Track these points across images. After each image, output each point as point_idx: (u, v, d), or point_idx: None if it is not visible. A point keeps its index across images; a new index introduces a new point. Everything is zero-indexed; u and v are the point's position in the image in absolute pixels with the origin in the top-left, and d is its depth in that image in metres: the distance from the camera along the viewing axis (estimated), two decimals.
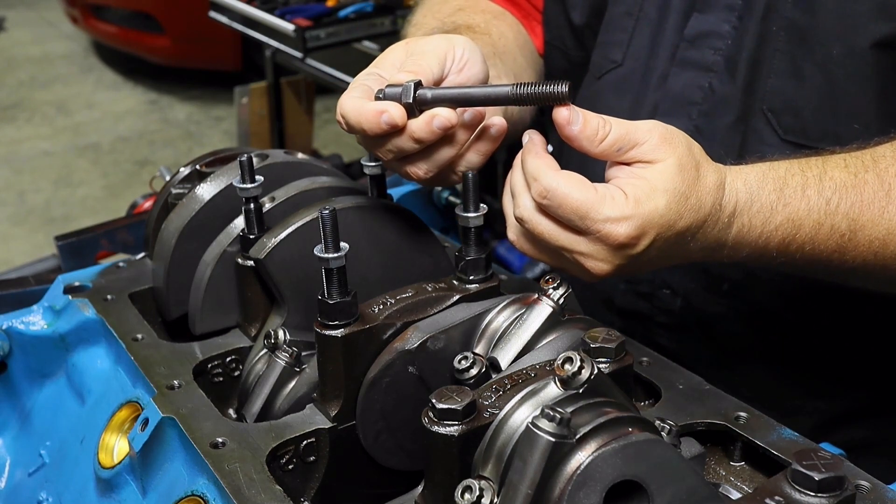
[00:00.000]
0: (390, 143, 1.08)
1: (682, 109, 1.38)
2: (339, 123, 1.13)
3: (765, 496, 0.82)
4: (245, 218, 1.16)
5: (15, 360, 1.29)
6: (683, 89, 1.38)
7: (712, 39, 1.36)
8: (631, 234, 0.99)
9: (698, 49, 1.37)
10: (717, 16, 1.36)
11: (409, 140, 1.08)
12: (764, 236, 1.09)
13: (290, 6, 3.67)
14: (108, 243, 1.58)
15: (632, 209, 0.99)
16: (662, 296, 1.48)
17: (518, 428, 0.80)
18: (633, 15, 1.45)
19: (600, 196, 0.99)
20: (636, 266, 1.04)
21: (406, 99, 1.05)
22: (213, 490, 0.93)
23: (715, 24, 1.36)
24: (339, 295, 0.96)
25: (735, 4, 1.34)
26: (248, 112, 4.70)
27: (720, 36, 1.36)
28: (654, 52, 1.43)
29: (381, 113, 1.05)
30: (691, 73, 1.38)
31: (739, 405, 1.02)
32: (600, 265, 1.02)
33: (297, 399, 1.07)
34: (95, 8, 7.06)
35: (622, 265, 1.02)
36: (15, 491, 1.28)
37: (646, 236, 1.01)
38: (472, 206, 1.04)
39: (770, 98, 1.31)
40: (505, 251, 4.25)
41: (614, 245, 1.00)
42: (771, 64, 1.31)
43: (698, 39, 1.37)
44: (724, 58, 1.35)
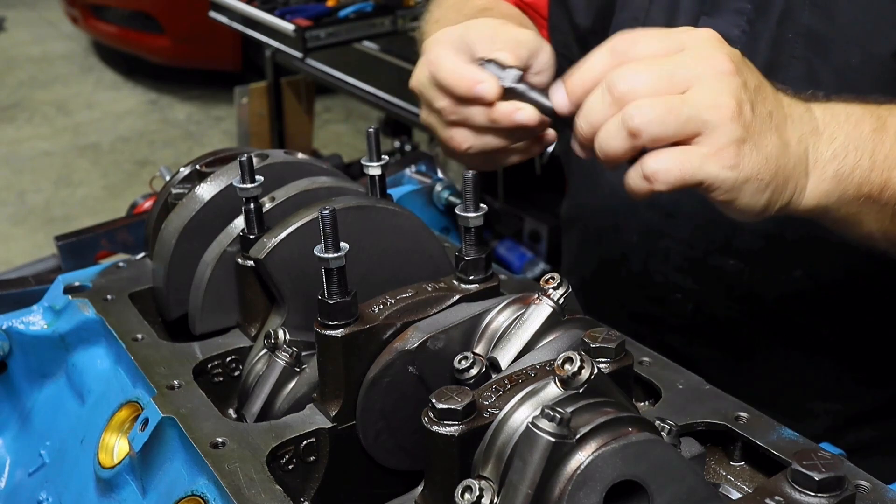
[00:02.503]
0: (463, 108, 1.11)
1: None
2: (418, 73, 1.18)
3: (765, 496, 0.82)
4: (245, 218, 1.16)
5: (15, 360, 1.29)
6: None
7: None
8: (715, 35, 1.03)
9: None
10: (726, 20, 1.34)
11: (484, 117, 1.11)
12: (853, 118, 1.09)
13: (290, 6, 3.67)
14: (108, 243, 1.58)
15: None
16: (674, 299, 1.48)
17: (518, 428, 0.80)
18: (639, 20, 1.43)
19: None
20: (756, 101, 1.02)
21: (505, 83, 1.10)
22: (213, 490, 0.94)
23: (724, 28, 1.32)
24: (339, 295, 0.96)
25: (744, 9, 1.33)
26: (248, 112, 4.70)
27: (730, 40, 1.31)
28: None
29: (479, 83, 1.10)
30: None
31: (739, 405, 1.02)
32: (725, 90, 0.99)
33: (297, 399, 1.07)
34: (95, 8, 7.06)
35: (743, 90, 1.00)
36: (15, 491, 1.28)
37: (731, 47, 1.03)
38: (472, 206, 1.04)
39: None
40: (505, 251, 4.25)
41: (711, 38, 1.03)
42: (787, 71, 1.29)
43: None
44: None
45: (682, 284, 1.47)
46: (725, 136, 0.99)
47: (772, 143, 1.03)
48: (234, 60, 6.69)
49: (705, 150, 1.00)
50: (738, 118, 0.99)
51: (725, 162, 1.00)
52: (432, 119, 1.21)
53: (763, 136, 1.02)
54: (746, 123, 1.00)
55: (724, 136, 0.99)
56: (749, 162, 1.01)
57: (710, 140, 1.00)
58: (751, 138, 1.01)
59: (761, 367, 1.48)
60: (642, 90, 1.00)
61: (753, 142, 1.01)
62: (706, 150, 1.00)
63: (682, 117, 0.99)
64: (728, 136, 0.99)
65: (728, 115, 0.99)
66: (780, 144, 1.04)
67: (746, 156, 1.01)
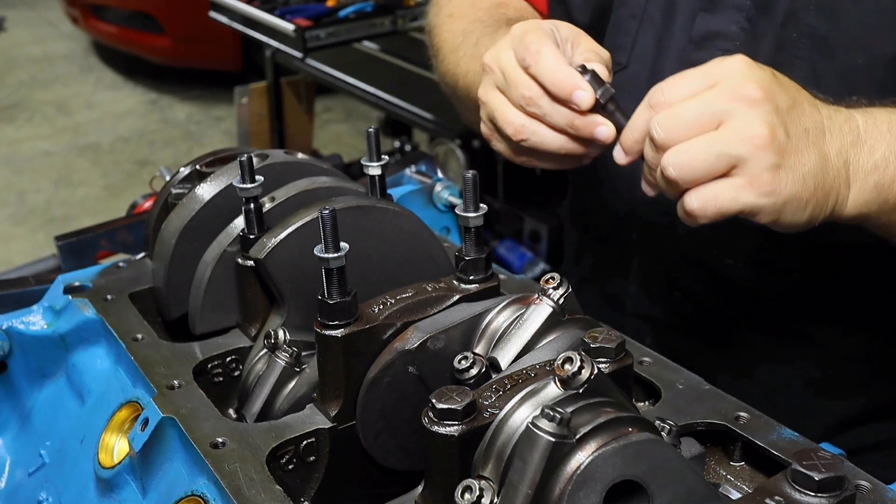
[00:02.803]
0: (548, 104, 1.14)
1: None
2: (502, 53, 1.19)
3: (765, 496, 0.82)
4: (245, 218, 1.16)
5: (15, 360, 1.29)
6: None
7: (719, 41, 1.35)
8: (745, 59, 1.05)
9: (705, 50, 1.36)
10: (724, 16, 1.34)
11: (564, 120, 1.14)
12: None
13: (290, 6, 3.67)
14: (108, 243, 1.58)
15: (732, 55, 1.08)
16: (674, 299, 1.47)
17: (518, 428, 0.80)
18: (636, 17, 1.44)
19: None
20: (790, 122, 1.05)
21: (600, 96, 1.15)
22: (213, 490, 0.94)
23: (722, 24, 1.34)
24: (339, 295, 0.96)
25: (743, 5, 1.33)
26: (248, 112, 4.70)
27: (728, 37, 1.34)
28: (661, 55, 1.42)
29: (579, 89, 1.13)
30: None
31: (739, 405, 1.02)
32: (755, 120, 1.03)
33: (297, 399, 1.07)
34: (95, 8, 7.06)
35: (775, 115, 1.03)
36: (15, 491, 1.28)
37: (761, 65, 1.06)
38: (472, 206, 1.04)
39: None
40: (505, 251, 4.25)
41: (742, 65, 1.05)
42: (790, 72, 1.27)
43: (705, 41, 1.36)
44: None
45: (681, 284, 1.47)
46: (759, 165, 1.03)
47: (810, 160, 1.06)
48: (234, 60, 6.69)
49: (741, 181, 1.04)
50: (770, 145, 1.03)
51: (762, 189, 1.04)
52: (496, 99, 1.21)
53: (800, 155, 1.06)
54: (780, 148, 1.04)
55: (758, 166, 1.03)
56: (786, 185, 1.05)
57: (744, 171, 1.04)
58: (786, 161, 1.05)
59: (761, 366, 1.48)
60: (676, 136, 1.05)
61: (789, 164, 1.05)
62: (742, 180, 1.04)
63: (712, 157, 1.04)
64: (762, 165, 1.03)
65: (760, 145, 1.03)
66: (819, 160, 1.07)
67: (783, 180, 1.05)
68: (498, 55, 1.22)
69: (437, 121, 3.88)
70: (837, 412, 1.48)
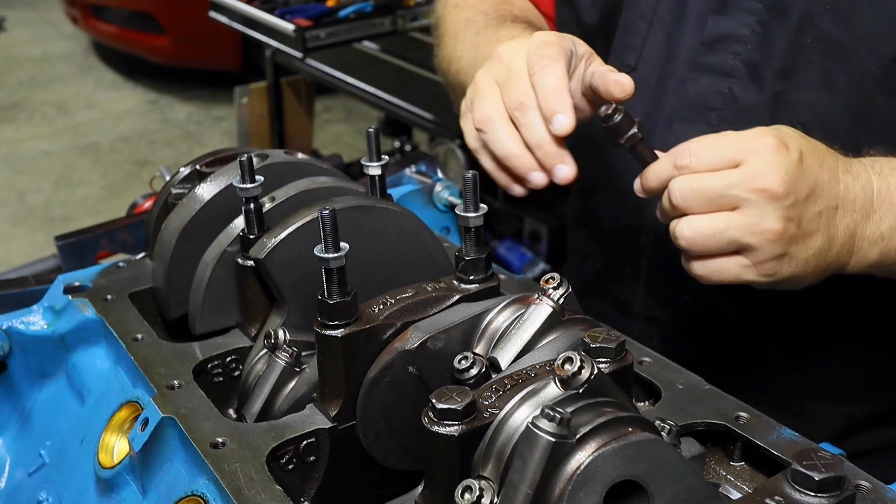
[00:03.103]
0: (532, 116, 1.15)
1: (700, 115, 1.36)
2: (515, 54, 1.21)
3: (765, 496, 0.82)
4: (245, 218, 1.16)
5: (15, 360, 1.29)
6: (702, 94, 1.36)
7: (731, 43, 1.34)
8: (776, 137, 1.07)
9: (716, 53, 1.35)
10: (735, 19, 1.33)
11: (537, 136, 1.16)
12: None
13: (290, 6, 3.67)
14: (108, 243, 1.58)
15: (762, 129, 1.10)
16: (682, 301, 1.47)
17: (518, 428, 0.80)
18: (646, 18, 1.43)
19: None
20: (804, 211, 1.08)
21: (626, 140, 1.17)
22: (213, 490, 0.93)
23: (733, 27, 1.33)
24: (339, 295, 0.96)
25: (755, 8, 1.32)
26: (248, 112, 4.70)
27: (739, 40, 1.33)
28: (671, 57, 1.41)
29: (562, 113, 1.14)
30: (709, 77, 1.36)
31: (739, 405, 1.02)
32: (771, 215, 1.06)
33: (297, 399, 1.07)
34: (95, 8, 7.06)
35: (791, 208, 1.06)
36: (15, 491, 1.28)
37: (791, 143, 1.07)
38: (472, 206, 1.04)
39: (801, 111, 1.29)
40: (505, 251, 4.25)
41: (770, 149, 1.06)
42: (805, 76, 1.29)
43: (716, 43, 1.35)
44: (744, 63, 1.33)
45: (690, 287, 1.47)
46: (766, 255, 1.09)
47: (815, 244, 1.11)
48: (234, 60, 6.69)
49: (746, 262, 1.10)
50: (780, 239, 1.08)
51: (763, 272, 1.10)
52: (488, 88, 1.22)
53: (807, 242, 1.10)
54: (789, 240, 1.08)
55: (765, 255, 1.09)
56: (788, 269, 1.11)
57: (751, 256, 1.09)
58: (792, 250, 1.09)
59: (769, 369, 1.47)
60: (693, 207, 1.10)
61: (795, 252, 1.10)
62: (747, 262, 1.10)
63: (724, 241, 1.09)
64: (769, 255, 1.09)
65: (771, 239, 1.08)
66: (824, 242, 1.12)
67: (785, 265, 1.10)
68: (513, 52, 1.22)
69: (437, 121, 3.88)
70: (845, 415, 1.47)
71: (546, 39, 1.21)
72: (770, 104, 1.32)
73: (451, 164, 3.74)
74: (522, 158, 1.17)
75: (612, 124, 1.16)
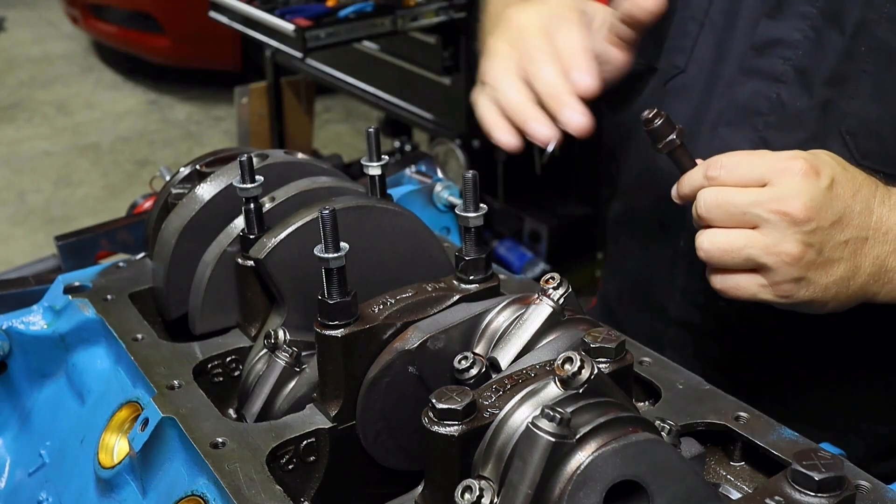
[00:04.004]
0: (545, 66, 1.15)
1: (746, 120, 1.35)
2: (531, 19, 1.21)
3: (765, 496, 0.82)
4: (245, 218, 1.16)
5: (15, 360, 1.29)
6: (749, 99, 1.35)
7: (781, 48, 1.32)
8: (807, 162, 1.06)
9: (766, 57, 1.33)
10: (788, 23, 1.31)
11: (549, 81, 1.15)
12: None
13: (290, 6, 3.66)
14: (108, 243, 1.58)
15: (797, 153, 1.09)
16: (717, 307, 1.45)
17: (518, 428, 0.80)
18: (697, 20, 1.41)
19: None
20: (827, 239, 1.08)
21: (664, 145, 1.18)
22: (213, 490, 0.93)
23: (785, 31, 1.31)
24: (339, 295, 0.96)
25: (808, 13, 1.29)
26: (248, 112, 4.70)
27: (790, 45, 1.31)
28: (721, 59, 1.39)
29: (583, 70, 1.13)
30: (758, 82, 1.34)
31: (739, 405, 1.02)
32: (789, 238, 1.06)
33: (297, 399, 1.07)
34: (95, 8, 7.06)
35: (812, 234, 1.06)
36: (15, 491, 1.28)
37: (824, 169, 1.07)
38: (472, 206, 1.04)
39: (850, 119, 1.28)
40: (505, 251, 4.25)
41: (799, 173, 1.06)
42: (856, 84, 1.27)
43: (766, 47, 1.33)
44: (793, 68, 1.31)
45: None
46: (782, 277, 1.09)
47: (837, 272, 1.11)
48: (234, 60, 6.69)
49: (763, 281, 1.11)
50: (797, 263, 1.08)
51: (780, 294, 1.11)
52: (500, 47, 1.21)
53: (827, 269, 1.10)
54: (807, 265, 1.09)
55: (781, 277, 1.09)
56: (805, 293, 1.11)
57: (768, 277, 1.10)
58: (810, 274, 1.09)
59: (805, 382, 1.44)
60: (715, 219, 1.12)
61: (813, 277, 1.10)
62: (764, 281, 1.11)
63: (741, 258, 1.10)
64: (785, 277, 1.09)
65: (788, 262, 1.08)
66: (848, 270, 1.11)
67: (802, 289, 1.10)
68: (526, 15, 1.22)
69: (437, 121, 3.88)
70: (882, 435, 1.44)
71: (561, 2, 1.21)
72: (818, 112, 1.30)
73: (451, 164, 3.74)
74: (527, 107, 1.17)
75: (652, 128, 1.18)
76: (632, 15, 1.19)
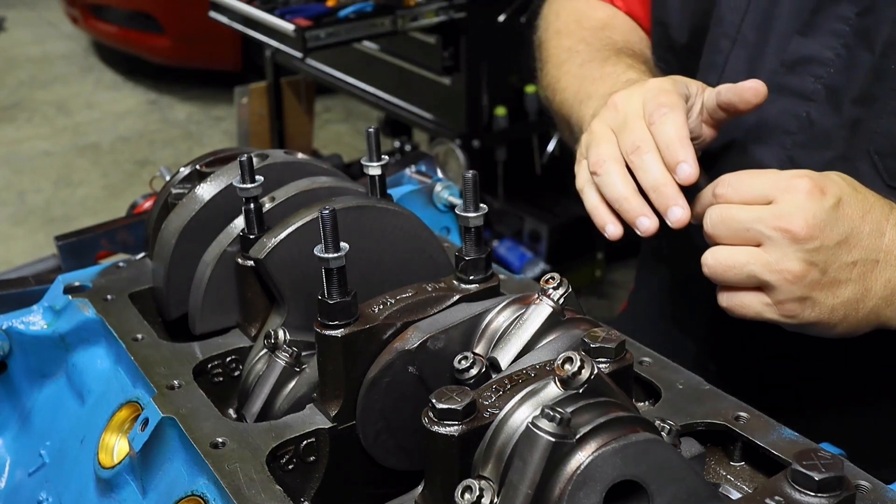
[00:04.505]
0: (649, 159, 1.16)
1: (775, 138, 1.34)
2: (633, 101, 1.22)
3: (765, 496, 0.82)
4: (245, 218, 1.16)
5: (15, 360, 1.29)
6: (778, 117, 1.33)
7: (813, 66, 1.30)
8: (812, 181, 1.06)
9: (797, 75, 1.32)
10: (820, 41, 1.30)
11: (653, 177, 1.16)
12: None
13: (290, 6, 3.67)
14: (108, 243, 1.58)
15: (805, 172, 1.08)
16: (741, 326, 1.42)
17: (518, 428, 0.80)
18: (730, 37, 1.40)
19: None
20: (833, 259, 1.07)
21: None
22: (213, 490, 0.94)
23: (817, 49, 1.30)
24: (339, 295, 0.96)
25: (842, 31, 1.28)
26: (248, 112, 4.70)
27: (822, 63, 1.29)
28: (752, 76, 1.34)
29: (685, 162, 1.14)
30: (788, 100, 1.32)
31: (739, 405, 1.02)
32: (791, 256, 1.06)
33: (297, 399, 1.07)
34: (95, 8, 7.07)
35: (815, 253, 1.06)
36: (15, 491, 1.28)
37: (831, 188, 1.06)
38: (472, 206, 1.04)
39: (879, 139, 1.26)
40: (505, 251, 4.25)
41: (803, 191, 1.06)
42: (885, 103, 1.25)
43: (797, 65, 1.32)
44: (824, 87, 1.29)
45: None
46: (785, 295, 1.09)
47: (845, 293, 1.10)
48: (234, 60, 6.70)
49: (768, 300, 1.10)
50: (799, 282, 1.07)
51: (784, 313, 1.10)
52: (604, 133, 1.23)
53: (834, 289, 1.09)
54: (811, 284, 1.08)
55: (784, 295, 1.09)
56: (811, 314, 1.09)
57: (771, 295, 1.10)
58: (815, 294, 1.08)
59: (835, 409, 1.42)
60: (720, 236, 1.13)
61: (818, 297, 1.09)
62: (768, 300, 1.10)
63: (743, 275, 1.10)
64: (788, 296, 1.08)
65: (790, 279, 1.07)
66: (856, 292, 1.10)
67: (807, 309, 1.09)
68: (629, 100, 1.23)
69: (437, 121, 3.88)
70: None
71: (662, 87, 1.22)
72: (847, 131, 1.28)
73: (451, 164, 3.74)
74: (633, 201, 1.17)
75: None
76: (733, 105, 1.20)
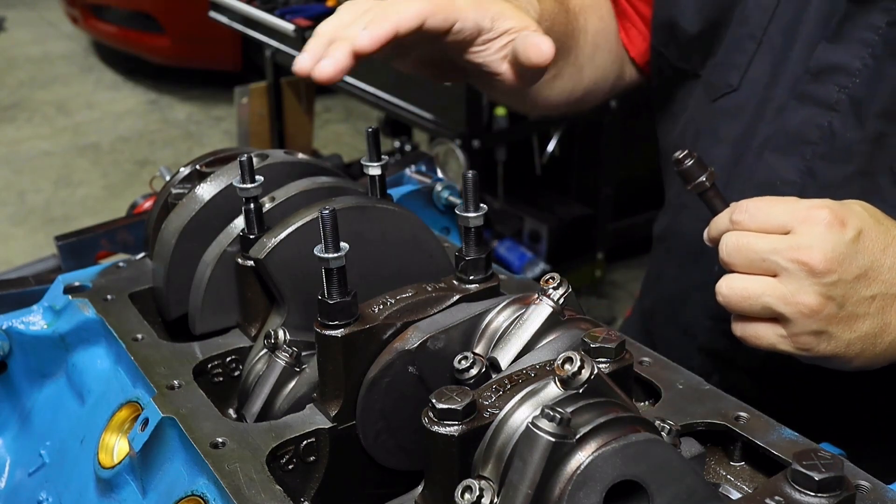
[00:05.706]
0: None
1: (795, 147, 1.31)
2: None
3: (765, 496, 0.82)
4: (245, 218, 1.16)
5: (15, 360, 1.29)
6: (800, 126, 1.30)
7: (839, 75, 1.26)
8: (832, 212, 1.04)
9: (821, 83, 1.28)
10: (847, 49, 1.25)
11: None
12: None
13: (290, 6, 3.67)
14: (108, 243, 1.58)
15: (826, 202, 1.06)
16: None
17: (518, 428, 0.80)
18: (755, 38, 1.35)
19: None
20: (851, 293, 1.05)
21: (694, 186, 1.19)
22: (213, 490, 0.93)
23: (845, 58, 1.25)
24: (339, 295, 0.96)
25: (870, 40, 1.23)
26: (248, 112, 4.70)
27: (848, 72, 1.25)
28: (774, 81, 1.34)
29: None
30: (810, 109, 1.29)
31: (739, 405, 1.02)
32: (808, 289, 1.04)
33: (297, 399, 1.07)
34: (95, 8, 7.07)
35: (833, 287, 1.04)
36: (15, 491, 1.28)
37: (851, 220, 1.04)
38: (472, 206, 1.04)
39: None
40: (505, 251, 4.25)
41: (822, 223, 1.03)
42: None
43: (823, 73, 1.28)
44: (848, 97, 1.26)
45: None
46: (801, 329, 1.07)
47: (862, 327, 1.08)
48: (234, 60, 6.70)
49: (783, 332, 1.08)
50: (815, 315, 1.05)
51: (799, 346, 1.08)
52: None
53: (851, 324, 1.07)
54: (827, 318, 1.06)
55: (800, 329, 1.07)
56: (827, 348, 1.08)
57: (787, 327, 1.08)
58: (831, 328, 1.06)
59: (837, 422, 1.40)
60: (736, 264, 1.10)
61: (835, 332, 1.07)
62: (784, 332, 1.08)
63: (758, 306, 1.08)
64: (803, 329, 1.07)
65: (806, 313, 1.05)
66: (874, 326, 1.08)
67: (822, 343, 1.07)
68: None
69: (437, 121, 3.88)
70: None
71: None
72: (869, 145, 1.25)
73: (451, 164, 3.74)
74: (317, 39, 1.22)
75: (683, 169, 1.18)
76: (528, 57, 1.16)
